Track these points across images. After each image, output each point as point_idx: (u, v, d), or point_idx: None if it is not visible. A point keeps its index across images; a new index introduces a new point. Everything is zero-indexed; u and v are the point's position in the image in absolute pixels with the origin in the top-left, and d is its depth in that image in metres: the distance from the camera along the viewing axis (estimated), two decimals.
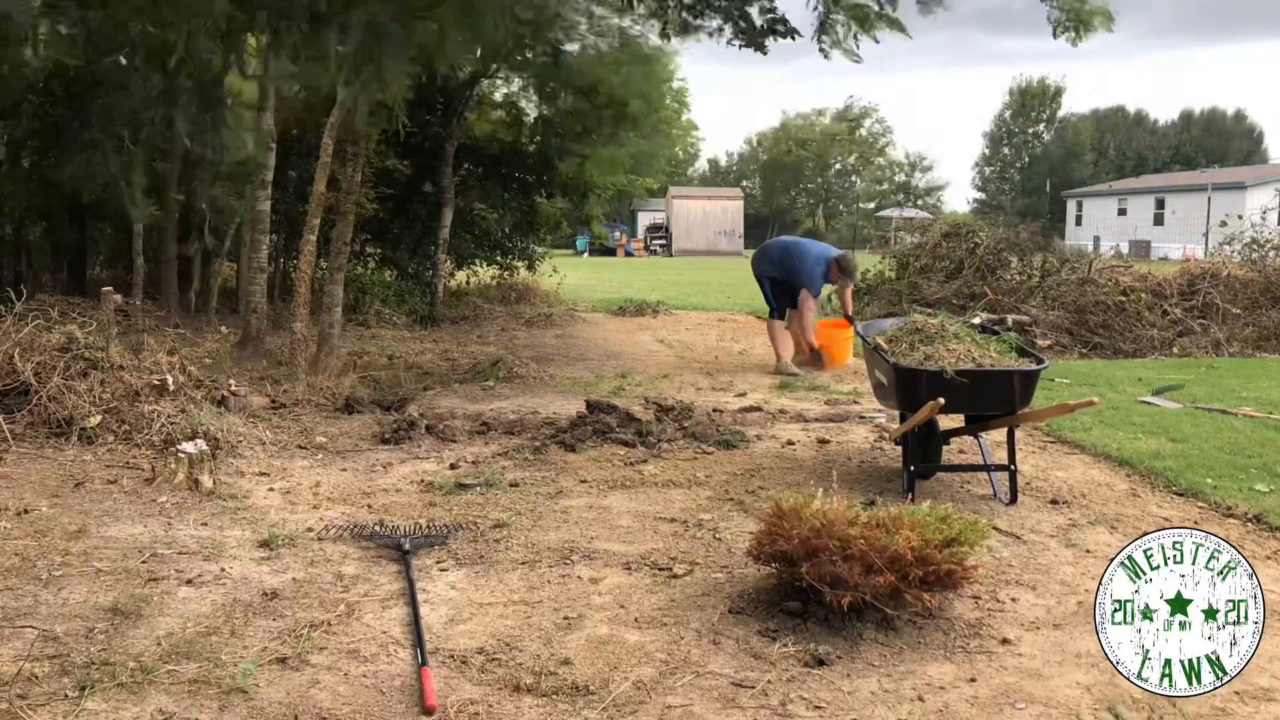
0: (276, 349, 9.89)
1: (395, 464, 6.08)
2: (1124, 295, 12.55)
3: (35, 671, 3.17)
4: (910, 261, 16.02)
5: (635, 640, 3.54)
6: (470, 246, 17.05)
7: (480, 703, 3.07)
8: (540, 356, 11.06)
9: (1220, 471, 5.84)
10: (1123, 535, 4.76)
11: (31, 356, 6.58)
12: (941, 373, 5.10)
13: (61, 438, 6.23)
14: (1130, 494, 5.56)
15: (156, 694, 3.07)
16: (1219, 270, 13.40)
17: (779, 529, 3.72)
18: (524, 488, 5.53)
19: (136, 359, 7.05)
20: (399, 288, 14.99)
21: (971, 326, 5.90)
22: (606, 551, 4.48)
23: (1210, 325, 12.20)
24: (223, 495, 5.27)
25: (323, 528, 4.74)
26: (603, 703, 3.08)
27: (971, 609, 3.84)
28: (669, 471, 5.89)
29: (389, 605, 3.84)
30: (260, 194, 10.69)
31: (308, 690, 3.14)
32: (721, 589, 4.01)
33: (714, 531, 4.76)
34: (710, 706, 3.07)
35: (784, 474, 5.87)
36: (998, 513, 5.14)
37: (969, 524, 3.70)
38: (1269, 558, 4.50)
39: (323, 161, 8.93)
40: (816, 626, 3.59)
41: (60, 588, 3.93)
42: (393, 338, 12.02)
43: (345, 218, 9.51)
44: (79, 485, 5.39)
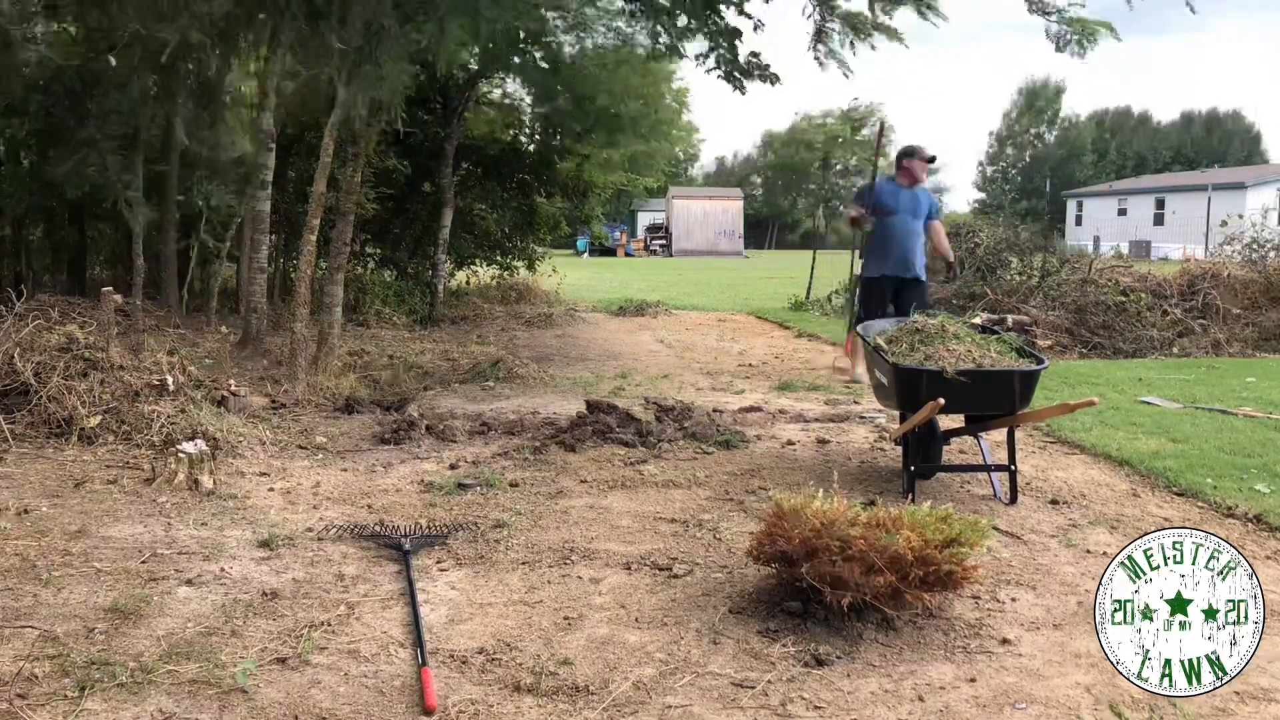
0: (276, 349, 9.90)
1: (395, 464, 6.08)
2: (1124, 295, 12.55)
3: (35, 671, 3.17)
4: None
5: (635, 640, 3.54)
6: (470, 246, 17.06)
7: (480, 703, 3.07)
8: (540, 356, 11.06)
9: (1220, 471, 5.84)
10: (1123, 535, 4.76)
11: (31, 356, 6.58)
12: (941, 373, 5.10)
13: (61, 438, 6.23)
14: (1130, 494, 5.56)
15: (156, 694, 3.07)
16: (1219, 270, 13.40)
17: (779, 529, 3.72)
18: (524, 488, 5.53)
19: (136, 359, 7.05)
20: (399, 288, 15.00)
21: (971, 327, 5.89)
22: (606, 551, 4.48)
23: (1210, 325, 12.20)
24: (223, 495, 5.27)
25: (323, 528, 4.74)
26: (603, 703, 3.08)
27: (971, 609, 3.84)
28: (669, 471, 5.89)
29: (389, 605, 3.84)
30: (260, 194, 10.69)
31: (308, 690, 3.14)
32: (722, 589, 4.01)
33: (714, 531, 4.76)
34: (710, 707, 3.07)
35: (784, 474, 5.87)
36: (998, 513, 5.14)
37: (969, 524, 3.70)
38: (1269, 558, 4.50)
39: (323, 161, 8.93)
40: (817, 626, 3.59)
41: (60, 588, 3.93)
42: (393, 338, 12.02)
43: (345, 218, 9.52)
44: (79, 485, 5.39)
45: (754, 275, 29.53)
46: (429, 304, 14.64)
